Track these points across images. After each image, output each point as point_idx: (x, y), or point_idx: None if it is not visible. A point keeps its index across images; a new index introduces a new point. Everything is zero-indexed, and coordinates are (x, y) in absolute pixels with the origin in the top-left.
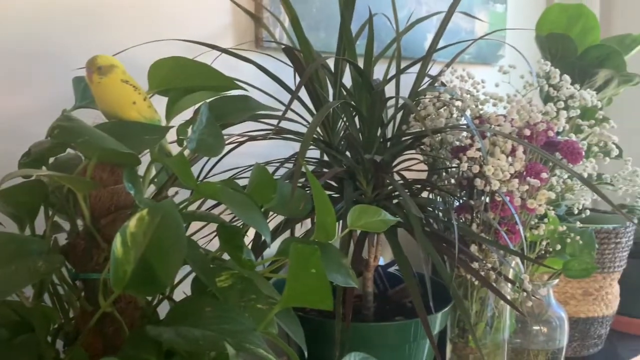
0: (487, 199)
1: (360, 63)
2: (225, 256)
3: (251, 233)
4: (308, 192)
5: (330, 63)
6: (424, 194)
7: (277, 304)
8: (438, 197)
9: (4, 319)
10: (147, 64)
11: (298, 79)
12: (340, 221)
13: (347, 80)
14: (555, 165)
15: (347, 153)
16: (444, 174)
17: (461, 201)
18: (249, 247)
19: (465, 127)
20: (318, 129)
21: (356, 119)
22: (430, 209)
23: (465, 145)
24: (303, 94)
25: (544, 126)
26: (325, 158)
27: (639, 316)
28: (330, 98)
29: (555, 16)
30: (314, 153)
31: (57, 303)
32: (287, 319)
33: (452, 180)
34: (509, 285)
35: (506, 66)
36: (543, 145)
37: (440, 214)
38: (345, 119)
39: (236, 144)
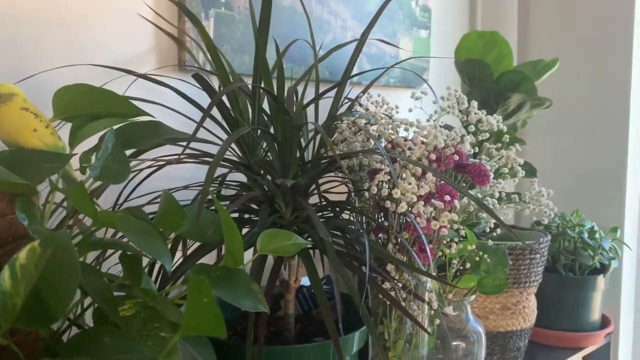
0: (403, 220)
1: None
2: None
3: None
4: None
5: (238, 85)
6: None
7: (178, 332)
8: (361, 218)
9: None
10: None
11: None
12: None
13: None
14: (470, 186)
15: (268, 176)
16: (366, 194)
17: (378, 222)
18: (160, 273)
19: (376, 150)
20: (239, 152)
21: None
22: (351, 229)
23: (377, 168)
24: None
25: (451, 150)
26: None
27: (556, 328)
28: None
29: (472, 42)
30: (238, 176)
31: None
32: (198, 345)
33: (371, 202)
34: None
35: (419, 92)
36: (453, 168)
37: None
38: (264, 143)
39: (156, 168)
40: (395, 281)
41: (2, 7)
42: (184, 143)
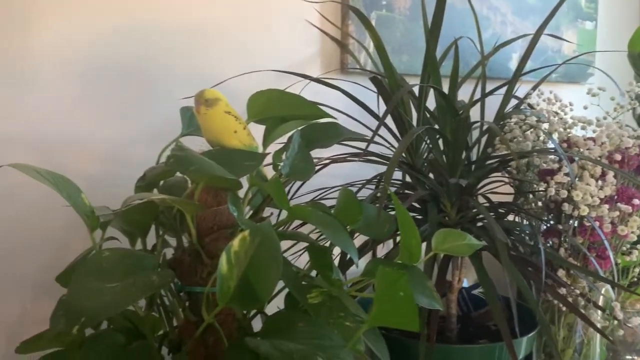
0: (576, 224)
1: (444, 85)
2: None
3: (336, 251)
4: (391, 213)
5: (413, 86)
6: (509, 217)
7: (365, 322)
8: (524, 221)
9: (120, 326)
10: (241, 91)
11: (381, 102)
12: (424, 243)
13: (430, 101)
14: None
15: (430, 175)
16: (530, 197)
17: (548, 225)
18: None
19: (552, 150)
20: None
21: (440, 141)
22: (517, 232)
23: (552, 168)
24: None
25: (636, 150)
26: (408, 179)
27: None
28: (414, 121)
29: None
30: (396, 174)
31: (163, 312)
32: (372, 337)
33: (539, 204)
34: (599, 312)
35: (595, 88)
36: (635, 169)
37: (527, 237)
38: (428, 142)
39: (321, 166)
40: (572, 288)
41: (193, 23)
42: (349, 142)
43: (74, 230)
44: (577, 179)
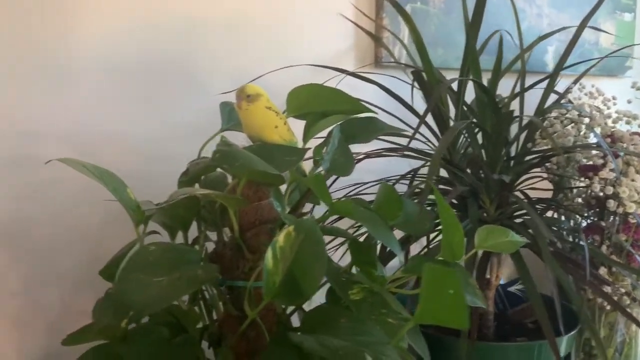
0: (618, 220)
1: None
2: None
3: None
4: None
5: (453, 80)
6: (548, 213)
7: (410, 319)
8: (562, 217)
9: (162, 320)
10: (275, 85)
11: (415, 95)
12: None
13: (466, 95)
14: None
15: (467, 170)
16: (570, 193)
17: (589, 221)
18: None
19: (596, 146)
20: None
21: (478, 136)
22: (555, 228)
23: (595, 164)
24: (421, 110)
25: None
26: (443, 174)
27: None
28: (451, 115)
29: None
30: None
31: (204, 306)
32: (413, 335)
33: (579, 200)
34: None
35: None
36: None
37: (566, 233)
38: (467, 136)
39: (355, 161)
40: (617, 286)
41: (228, 18)
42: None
43: (112, 224)
44: (621, 174)
